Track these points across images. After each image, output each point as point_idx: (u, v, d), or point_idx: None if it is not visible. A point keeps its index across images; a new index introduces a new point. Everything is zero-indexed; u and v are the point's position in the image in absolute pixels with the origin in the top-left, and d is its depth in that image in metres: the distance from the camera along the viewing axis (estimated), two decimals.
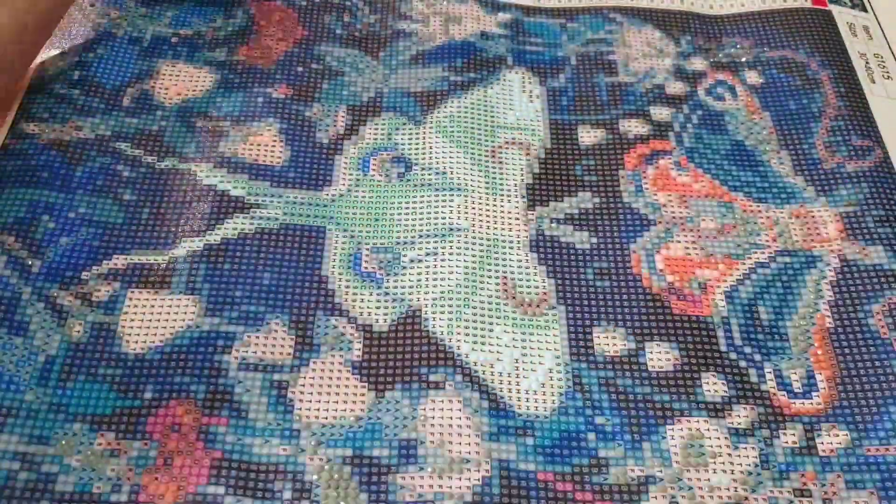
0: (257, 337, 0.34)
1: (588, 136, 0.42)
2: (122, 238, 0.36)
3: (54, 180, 0.37)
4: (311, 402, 0.32)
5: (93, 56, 0.42)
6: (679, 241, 0.38)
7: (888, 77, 0.45)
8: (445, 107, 0.43)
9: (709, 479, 0.31)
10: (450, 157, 0.40)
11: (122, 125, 0.40)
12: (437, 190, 0.39)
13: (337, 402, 0.33)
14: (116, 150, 0.39)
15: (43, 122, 0.39)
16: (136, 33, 0.44)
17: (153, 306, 0.34)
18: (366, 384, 0.33)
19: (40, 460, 0.30)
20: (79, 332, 0.33)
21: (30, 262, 0.35)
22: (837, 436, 0.33)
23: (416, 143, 0.41)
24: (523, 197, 0.39)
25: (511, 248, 0.37)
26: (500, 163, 0.41)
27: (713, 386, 0.34)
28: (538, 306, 0.36)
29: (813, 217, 0.39)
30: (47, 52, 0.42)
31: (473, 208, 0.39)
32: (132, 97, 0.41)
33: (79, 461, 0.30)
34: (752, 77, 0.45)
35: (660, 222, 0.39)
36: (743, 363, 0.34)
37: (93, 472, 0.30)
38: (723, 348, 0.35)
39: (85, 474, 0.30)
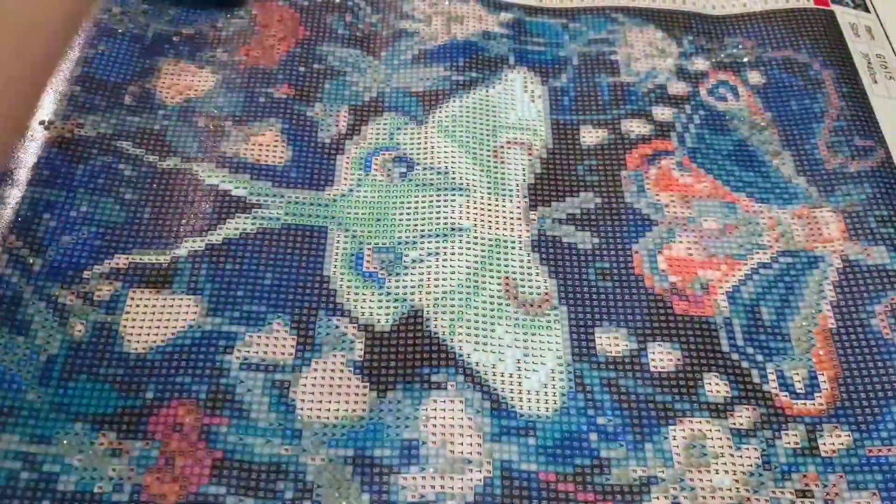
0: (259, 337, 0.34)
1: (590, 136, 0.42)
2: (124, 237, 0.36)
3: (55, 178, 0.37)
4: (312, 402, 0.32)
5: (94, 53, 0.42)
6: (681, 242, 0.38)
7: (890, 77, 0.45)
8: (447, 106, 0.42)
9: (711, 480, 0.31)
10: (452, 157, 0.40)
11: (124, 124, 0.40)
12: (438, 190, 0.39)
13: (339, 403, 0.32)
14: (118, 149, 0.39)
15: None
16: (138, 31, 0.44)
17: (155, 306, 0.34)
18: (367, 384, 0.33)
19: (42, 460, 0.30)
20: (80, 331, 0.33)
21: (31, 261, 0.35)
22: (839, 436, 0.33)
23: (418, 143, 0.41)
24: (525, 197, 0.39)
25: (513, 248, 0.37)
26: (502, 163, 0.40)
27: (715, 386, 0.34)
28: (540, 307, 0.36)
29: (815, 217, 0.39)
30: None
31: (475, 208, 0.39)
32: (134, 95, 0.41)
33: (80, 461, 0.30)
34: (755, 77, 0.45)
35: (662, 223, 0.39)
36: (745, 364, 0.34)
37: (94, 472, 0.30)
38: (725, 349, 0.35)
39: (86, 474, 0.30)
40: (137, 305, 0.34)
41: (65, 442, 0.31)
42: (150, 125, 0.40)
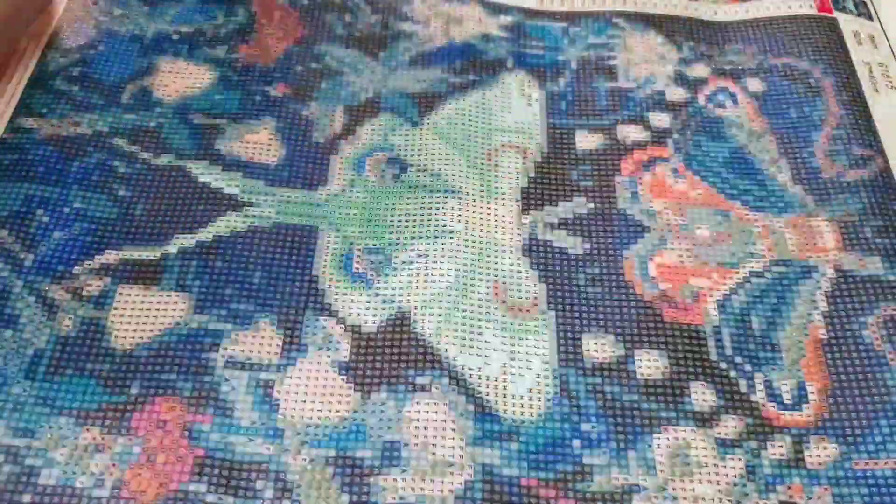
0: (245, 335, 0.34)
1: (585, 141, 0.42)
2: (115, 233, 0.36)
3: (50, 175, 0.38)
4: (296, 401, 0.32)
5: (94, 53, 0.43)
6: (673, 249, 0.38)
7: (892, 86, 0.44)
8: (443, 109, 0.42)
9: (693, 490, 0.31)
10: (445, 160, 0.40)
11: (120, 121, 0.40)
12: (431, 192, 0.39)
13: (322, 403, 0.33)
14: (113, 146, 0.39)
15: (41, 118, 0.39)
16: (138, 31, 0.44)
17: (143, 302, 0.34)
18: (352, 385, 0.33)
19: (25, 453, 0.30)
20: (68, 326, 0.33)
21: (22, 256, 0.35)
22: (826, 448, 0.32)
23: (413, 145, 0.41)
24: (518, 200, 0.39)
25: (503, 251, 0.37)
26: (496, 166, 0.40)
27: (702, 395, 0.34)
28: (528, 311, 0.36)
29: (810, 226, 0.39)
30: (49, 49, 0.42)
31: (467, 211, 0.38)
32: (131, 94, 0.41)
33: (63, 455, 0.30)
34: (754, 84, 0.44)
35: (654, 229, 0.38)
36: (733, 373, 0.34)
37: (76, 467, 0.30)
38: (713, 357, 0.35)
39: (69, 468, 0.30)
40: (126, 301, 0.34)
41: (48, 436, 0.31)
42: (145, 122, 0.40)
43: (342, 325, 0.35)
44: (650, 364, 0.34)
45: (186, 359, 0.33)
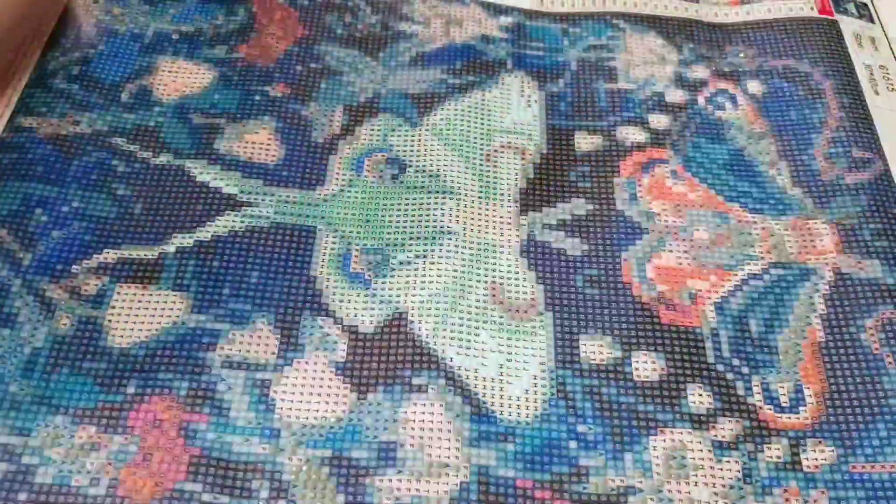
0: (242, 335, 0.34)
1: (585, 142, 0.42)
2: (114, 233, 0.36)
3: (49, 174, 0.38)
4: (292, 401, 0.32)
5: (94, 52, 0.43)
6: (671, 251, 0.38)
7: (892, 89, 0.44)
8: (442, 109, 0.42)
9: (689, 492, 0.31)
10: (444, 160, 0.40)
11: (120, 120, 0.40)
12: (429, 192, 0.39)
13: (319, 403, 0.33)
14: (112, 145, 0.39)
15: (41, 116, 0.40)
16: (138, 30, 0.44)
17: (140, 301, 0.34)
18: (348, 385, 0.33)
19: (21, 452, 0.30)
20: (66, 325, 0.33)
21: (21, 255, 0.35)
22: (823, 452, 0.32)
23: (412, 145, 0.41)
24: (516, 201, 0.39)
25: (501, 252, 0.37)
26: (495, 167, 0.40)
27: (699, 398, 0.33)
28: (526, 312, 0.36)
29: (809, 229, 0.39)
30: (50, 49, 0.42)
31: (465, 212, 0.38)
32: (131, 93, 0.41)
33: (59, 454, 0.30)
34: (754, 86, 0.44)
35: (653, 231, 0.38)
36: (730, 375, 0.34)
37: (72, 466, 0.30)
38: (710, 360, 0.34)
39: (65, 467, 0.30)
40: (123, 300, 0.34)
41: (45, 434, 0.31)
42: (145, 122, 0.40)
43: (339, 326, 0.35)
44: (647, 366, 0.34)
45: (183, 358, 0.33)
